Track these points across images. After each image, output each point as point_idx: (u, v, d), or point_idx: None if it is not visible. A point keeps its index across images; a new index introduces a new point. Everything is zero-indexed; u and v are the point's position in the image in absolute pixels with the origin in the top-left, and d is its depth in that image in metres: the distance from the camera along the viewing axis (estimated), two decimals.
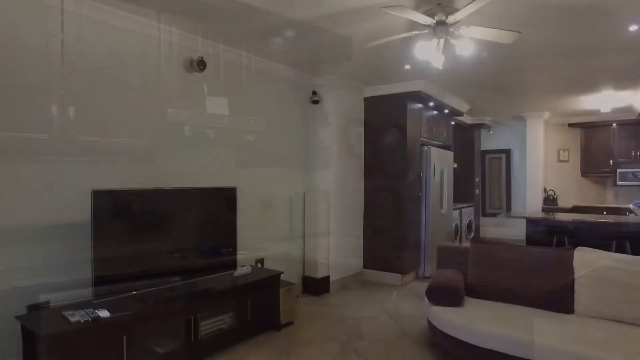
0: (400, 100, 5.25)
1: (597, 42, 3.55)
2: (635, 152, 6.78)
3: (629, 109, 6.50)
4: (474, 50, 2.74)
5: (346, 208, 5.19)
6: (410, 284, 5.26)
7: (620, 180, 6.89)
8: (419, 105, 5.58)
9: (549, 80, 4.93)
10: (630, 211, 6.36)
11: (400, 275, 5.22)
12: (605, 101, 5.80)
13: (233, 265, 3.41)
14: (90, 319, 2.37)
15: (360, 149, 5.49)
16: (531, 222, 4.97)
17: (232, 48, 3.81)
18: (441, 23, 2.54)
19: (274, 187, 4.41)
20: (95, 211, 2.52)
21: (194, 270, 3.09)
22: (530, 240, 4.92)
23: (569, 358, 2.38)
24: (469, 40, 2.62)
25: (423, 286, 5.12)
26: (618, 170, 6.90)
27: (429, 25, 2.61)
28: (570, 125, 7.43)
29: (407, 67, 4.40)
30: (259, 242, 4.22)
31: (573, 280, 2.99)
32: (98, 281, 2.53)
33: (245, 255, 4.02)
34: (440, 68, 2.86)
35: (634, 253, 4.14)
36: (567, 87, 5.31)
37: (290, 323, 3.72)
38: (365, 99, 5.50)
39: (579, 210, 6.92)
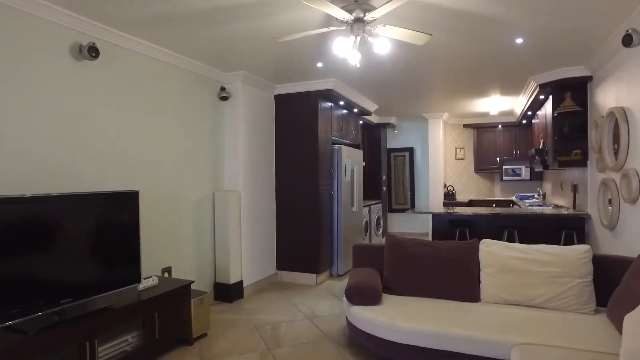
0: (311, 99, 5.22)
1: (490, 50, 3.85)
2: (516, 151, 7.63)
3: (511, 113, 7.29)
4: (388, 50, 2.76)
5: (258, 209, 5.01)
6: (325, 283, 5.26)
7: (505, 176, 7.71)
8: (330, 104, 5.61)
9: (448, 83, 5.27)
10: (514, 203, 7.14)
11: (315, 275, 5.19)
12: (493, 105, 6.41)
13: (137, 277, 3.04)
14: None
15: (271, 147, 5.35)
16: (436, 216, 5.28)
17: (131, 35, 3.40)
18: (359, 20, 2.51)
19: (180, 188, 4.06)
20: None
21: (89, 288, 2.68)
22: (436, 233, 5.22)
23: (478, 345, 2.51)
24: (386, 39, 2.63)
25: (338, 285, 5.21)
26: (503, 167, 7.71)
27: (346, 22, 2.56)
28: (465, 125, 8.11)
29: (320, 65, 4.37)
30: (166, 249, 3.86)
31: (479, 270, 3.20)
32: None
33: (151, 265, 3.65)
34: (358, 65, 2.84)
35: (521, 240, 4.63)
36: (464, 90, 5.74)
37: (203, 335, 3.44)
38: (276, 97, 5.37)
39: (474, 204, 7.60)
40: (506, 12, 3.00)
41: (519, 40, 3.58)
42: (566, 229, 4.52)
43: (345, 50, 2.65)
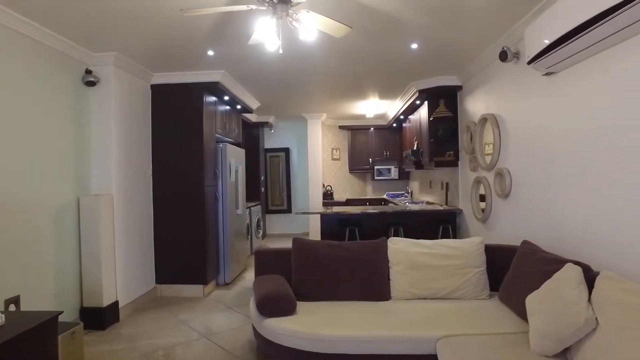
0: (196, 92, 4.72)
1: (388, 52, 3.98)
2: (386, 153, 8.22)
3: (383, 116, 7.83)
4: (315, 38, 2.57)
5: (133, 214, 4.30)
6: (213, 294, 4.80)
7: (377, 176, 8.24)
8: (214, 99, 5.17)
9: (336, 83, 5.33)
10: (386, 200, 7.67)
11: (202, 286, 4.69)
12: (370, 108, 6.76)
13: None
14: None
15: (147, 144, 4.66)
16: (325, 216, 5.29)
17: None
18: (283, 1, 2.26)
19: (33, 194, 3.17)
20: None
21: None
22: (326, 233, 5.22)
23: (403, 343, 2.51)
24: (311, 25, 2.44)
25: (228, 294, 4.79)
26: (375, 167, 8.23)
27: (268, 2, 2.29)
28: (340, 127, 8.42)
29: (211, 53, 3.94)
30: (12, 274, 2.97)
31: (389, 269, 3.24)
32: None
33: None
34: (281, 52, 2.58)
35: (406, 235, 4.92)
36: (347, 92, 5.88)
37: None
38: (154, 87, 4.71)
39: (351, 202, 7.92)
40: (414, 17, 3.10)
41: (414, 46, 3.77)
42: (443, 223, 4.98)
43: (265, 34, 2.37)
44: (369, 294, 3.14)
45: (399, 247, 3.27)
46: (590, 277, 2.23)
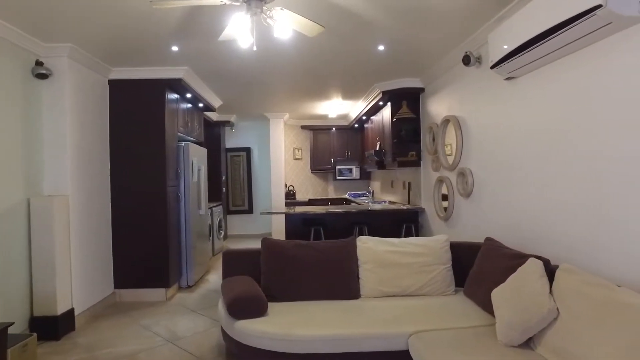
0: (157, 89, 4.55)
1: (356, 53, 4.02)
2: (348, 153, 8.30)
3: (345, 117, 7.90)
4: (289, 36, 2.54)
5: (91, 216, 4.07)
6: (176, 297, 4.64)
7: (339, 176, 8.31)
8: (176, 96, 5.01)
9: (302, 83, 5.30)
10: (348, 200, 7.75)
11: (164, 290, 4.52)
12: (333, 108, 6.80)
13: None
14: None
15: (105, 142, 4.43)
16: (290, 216, 5.26)
17: None
18: None
19: None
20: None
21: None
22: (290, 233, 5.19)
23: (376, 341, 2.54)
24: (285, 23, 2.41)
25: (191, 297, 4.66)
26: (337, 167, 8.29)
27: None
28: (302, 127, 8.41)
29: (175, 48, 3.81)
30: None
31: (358, 267, 3.27)
32: None
33: None
34: (255, 49, 2.52)
35: (370, 234, 4.99)
36: (311, 92, 5.87)
37: None
38: (111, 82, 4.48)
39: (313, 202, 7.93)
40: (383, 18, 3.15)
41: (381, 47, 3.84)
42: (406, 222, 5.10)
43: (238, 30, 2.32)
44: (340, 292, 3.15)
45: (368, 245, 3.31)
46: (550, 269, 2.36)
